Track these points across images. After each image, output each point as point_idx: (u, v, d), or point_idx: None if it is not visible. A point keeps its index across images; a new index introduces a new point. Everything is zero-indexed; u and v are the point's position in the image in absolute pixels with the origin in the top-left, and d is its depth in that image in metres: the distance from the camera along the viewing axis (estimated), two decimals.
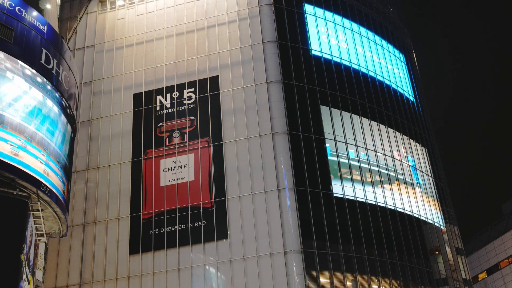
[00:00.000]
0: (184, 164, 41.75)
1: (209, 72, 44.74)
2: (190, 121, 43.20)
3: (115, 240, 40.68)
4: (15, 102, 29.75)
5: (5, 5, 30.19)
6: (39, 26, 31.82)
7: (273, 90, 43.09)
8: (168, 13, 48.08)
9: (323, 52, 46.83)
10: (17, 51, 29.93)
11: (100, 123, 45.08)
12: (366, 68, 49.19)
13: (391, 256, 41.17)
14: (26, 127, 29.99)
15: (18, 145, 29.05)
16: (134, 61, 46.80)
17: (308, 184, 40.13)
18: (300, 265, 37.34)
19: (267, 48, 44.69)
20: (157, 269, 39.12)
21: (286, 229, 38.37)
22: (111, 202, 42.01)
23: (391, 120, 48.59)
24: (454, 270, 47.55)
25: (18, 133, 29.47)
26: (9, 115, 29.15)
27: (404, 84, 53.81)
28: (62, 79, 32.81)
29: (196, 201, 40.34)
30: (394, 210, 43.47)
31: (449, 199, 52.72)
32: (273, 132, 41.54)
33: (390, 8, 58.85)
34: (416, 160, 49.48)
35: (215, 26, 46.41)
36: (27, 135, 29.99)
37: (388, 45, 54.11)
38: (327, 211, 39.87)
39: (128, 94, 45.66)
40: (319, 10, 49.03)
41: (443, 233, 48.47)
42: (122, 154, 43.54)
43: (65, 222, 31.87)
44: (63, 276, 40.26)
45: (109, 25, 48.96)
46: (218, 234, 39.09)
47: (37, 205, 29.34)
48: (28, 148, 29.65)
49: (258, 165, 40.66)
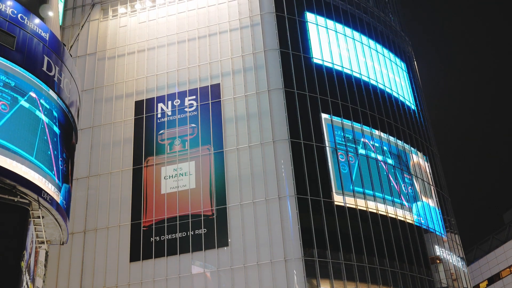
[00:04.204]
0: (185, 171, 41.74)
1: (211, 80, 44.81)
2: (191, 128, 43.21)
3: (115, 247, 40.62)
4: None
5: (7, 13, 30.24)
6: (41, 33, 31.86)
7: (274, 98, 43.13)
8: (170, 21, 48.21)
9: (325, 60, 46.90)
10: (19, 58, 29.96)
11: (101, 130, 45.10)
12: (367, 77, 49.24)
13: (392, 264, 41.08)
14: None
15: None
16: (135, 68, 46.90)
17: (309, 192, 40.10)
18: (301, 273, 37.26)
19: (269, 56, 44.78)
20: (157, 277, 39.04)
21: (287, 237, 38.31)
22: (111, 210, 41.99)
23: (392, 128, 48.58)
24: (455, 279, 47.39)
25: None
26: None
27: (405, 92, 53.85)
28: (64, 86, 32.83)
29: (197, 208, 40.30)
30: (395, 219, 43.39)
31: (450, 208, 52.64)
32: (274, 140, 41.54)
33: (391, 16, 58.99)
34: (417, 168, 49.42)
35: (217, 34, 46.52)
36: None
37: (389, 54, 54.20)
38: (328, 219, 39.81)
39: (130, 101, 45.72)
40: (320, 18, 49.15)
41: (445, 242, 48.37)
42: (123, 161, 43.55)
43: (65, 229, 31.77)
44: (64, 284, 40.19)
45: (111, 33, 49.10)
46: (219, 242, 39.03)
47: (38, 212, 29.26)
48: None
49: (259, 173, 40.64)
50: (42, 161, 29.75)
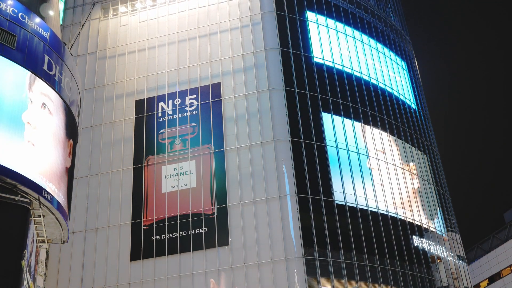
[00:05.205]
0: (185, 171, 41.74)
1: (211, 79, 44.79)
2: (192, 127, 43.21)
3: (116, 246, 40.63)
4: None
5: (8, 12, 30.25)
6: (42, 32, 31.87)
7: (275, 97, 43.12)
8: (171, 20, 48.20)
9: (325, 59, 46.88)
10: (20, 57, 29.98)
11: (102, 129, 45.10)
12: (368, 76, 49.21)
13: (393, 263, 41.07)
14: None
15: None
16: (136, 67, 46.88)
17: (310, 191, 40.09)
18: (302, 273, 37.26)
19: (269, 55, 44.76)
20: (158, 276, 39.05)
21: (288, 236, 38.31)
22: (112, 209, 41.99)
23: (393, 127, 48.56)
24: (456, 278, 47.38)
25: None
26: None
27: (406, 91, 53.83)
28: (65, 85, 32.85)
29: (198, 208, 40.30)
30: (396, 218, 43.38)
31: (451, 207, 52.62)
32: (274, 139, 41.53)
33: (392, 15, 58.96)
34: (418, 167, 49.42)
35: (217, 33, 46.50)
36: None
37: (390, 53, 54.16)
38: (328, 218, 39.81)
39: (130, 100, 45.71)
40: (321, 17, 49.12)
41: (445, 241, 48.35)
42: (124, 160, 43.55)
43: (66, 228, 31.80)
44: (64, 283, 40.20)
45: (112, 32, 49.07)
46: (219, 241, 39.03)
47: (39, 211, 29.29)
48: None
49: (259, 172, 40.64)
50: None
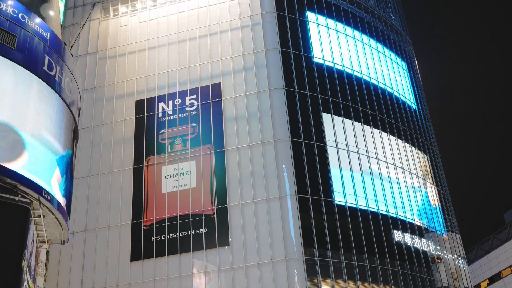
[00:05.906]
0: (186, 171, 41.74)
1: (212, 79, 44.79)
2: (192, 128, 43.21)
3: (116, 247, 40.63)
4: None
5: (8, 12, 30.25)
6: (42, 32, 31.87)
7: (275, 98, 43.12)
8: (171, 20, 48.20)
9: (325, 60, 46.88)
10: (20, 57, 29.98)
11: (102, 129, 45.10)
12: (368, 76, 49.21)
13: (393, 264, 41.06)
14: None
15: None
16: (136, 68, 46.89)
17: (310, 191, 40.08)
18: (302, 273, 37.26)
19: (270, 55, 44.77)
20: (158, 276, 39.05)
21: (288, 236, 38.31)
22: (112, 209, 41.99)
23: (393, 127, 48.56)
24: (456, 279, 47.38)
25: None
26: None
27: (406, 92, 53.82)
28: (65, 85, 32.85)
29: (198, 208, 40.30)
30: (396, 218, 43.37)
31: (451, 207, 52.62)
32: (275, 140, 41.53)
33: (392, 16, 58.97)
34: (418, 167, 49.40)
35: (217, 33, 46.51)
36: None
37: (390, 53, 54.16)
38: (328, 218, 39.80)
39: (130, 100, 45.72)
40: (321, 17, 49.12)
41: (445, 241, 48.35)
42: (124, 160, 43.55)
43: (66, 229, 31.80)
44: (64, 283, 40.20)
45: (112, 32, 49.08)
46: (219, 241, 39.03)
47: (39, 211, 29.29)
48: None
49: (260, 172, 40.64)
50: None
